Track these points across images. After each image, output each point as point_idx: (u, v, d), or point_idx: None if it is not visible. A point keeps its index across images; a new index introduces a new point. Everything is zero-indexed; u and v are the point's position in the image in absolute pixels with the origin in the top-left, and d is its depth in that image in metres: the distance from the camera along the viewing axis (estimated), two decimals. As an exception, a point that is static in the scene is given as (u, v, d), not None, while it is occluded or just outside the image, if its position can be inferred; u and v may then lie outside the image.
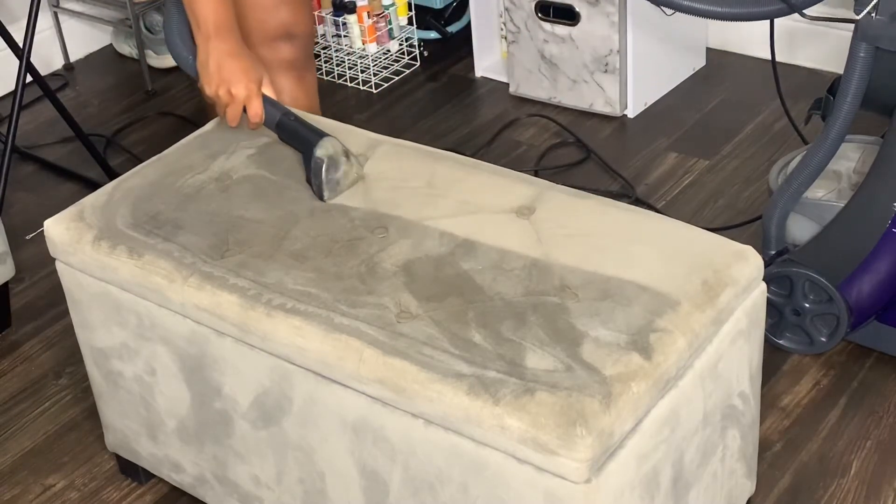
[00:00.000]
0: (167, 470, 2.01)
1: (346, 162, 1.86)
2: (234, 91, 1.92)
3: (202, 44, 1.95)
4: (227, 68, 1.92)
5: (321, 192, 1.84)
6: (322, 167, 1.83)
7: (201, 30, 1.94)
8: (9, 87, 3.14)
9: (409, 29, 3.43)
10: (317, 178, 1.84)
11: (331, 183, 1.84)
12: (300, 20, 2.26)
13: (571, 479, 1.46)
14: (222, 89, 1.93)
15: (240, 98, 1.92)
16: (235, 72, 1.92)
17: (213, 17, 1.94)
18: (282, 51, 2.25)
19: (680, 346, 1.57)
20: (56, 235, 1.90)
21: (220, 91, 1.93)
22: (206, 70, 1.94)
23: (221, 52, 1.93)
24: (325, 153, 1.84)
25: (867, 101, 2.10)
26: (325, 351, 1.61)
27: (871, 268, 2.17)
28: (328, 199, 1.84)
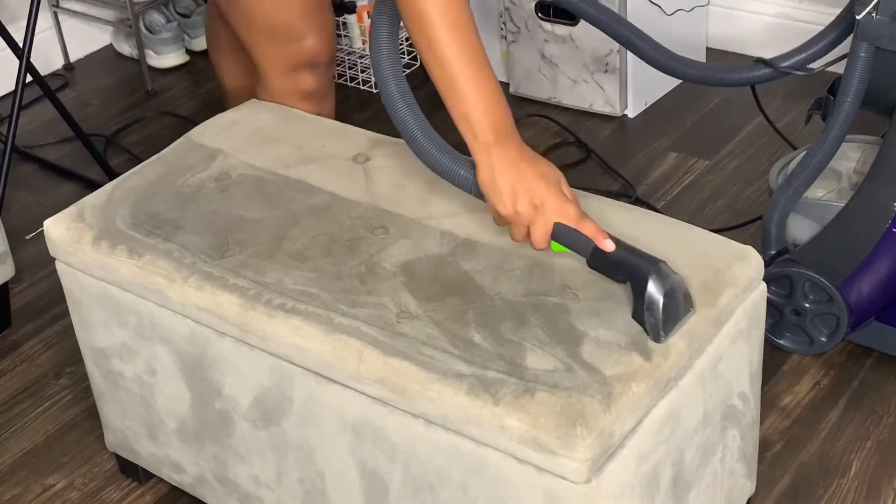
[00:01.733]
0: (167, 470, 2.01)
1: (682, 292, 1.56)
2: (537, 202, 1.56)
3: (483, 157, 1.58)
4: (521, 178, 1.57)
5: (657, 333, 1.54)
6: (660, 304, 1.52)
7: (480, 140, 1.58)
8: (9, 87, 3.14)
9: (409, 29, 3.43)
10: (653, 316, 1.53)
11: (670, 320, 1.54)
12: (324, 49, 2.14)
13: (571, 480, 1.46)
14: (522, 204, 1.56)
15: (549, 209, 1.56)
16: (532, 179, 1.57)
17: (490, 121, 1.58)
18: (303, 81, 2.16)
19: (679, 346, 1.57)
20: (56, 235, 1.90)
21: (520, 206, 1.57)
22: (495, 187, 1.58)
23: (509, 160, 1.58)
24: (663, 287, 1.53)
25: (867, 101, 2.10)
26: (324, 351, 1.61)
27: (871, 268, 2.17)
28: (664, 339, 1.55)
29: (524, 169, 1.58)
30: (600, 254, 1.57)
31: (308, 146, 1.99)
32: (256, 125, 2.06)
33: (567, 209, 1.57)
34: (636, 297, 1.55)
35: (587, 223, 1.57)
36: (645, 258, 1.55)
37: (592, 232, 1.56)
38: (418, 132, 1.66)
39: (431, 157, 1.66)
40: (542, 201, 1.56)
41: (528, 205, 1.57)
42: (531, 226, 1.58)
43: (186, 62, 3.55)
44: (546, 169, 1.60)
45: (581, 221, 1.57)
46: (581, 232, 1.57)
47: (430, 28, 1.58)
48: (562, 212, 1.57)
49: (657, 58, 2.29)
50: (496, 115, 1.59)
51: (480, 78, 1.59)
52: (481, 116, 1.58)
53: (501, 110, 1.60)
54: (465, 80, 1.59)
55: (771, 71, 2.20)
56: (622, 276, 1.58)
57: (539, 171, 1.58)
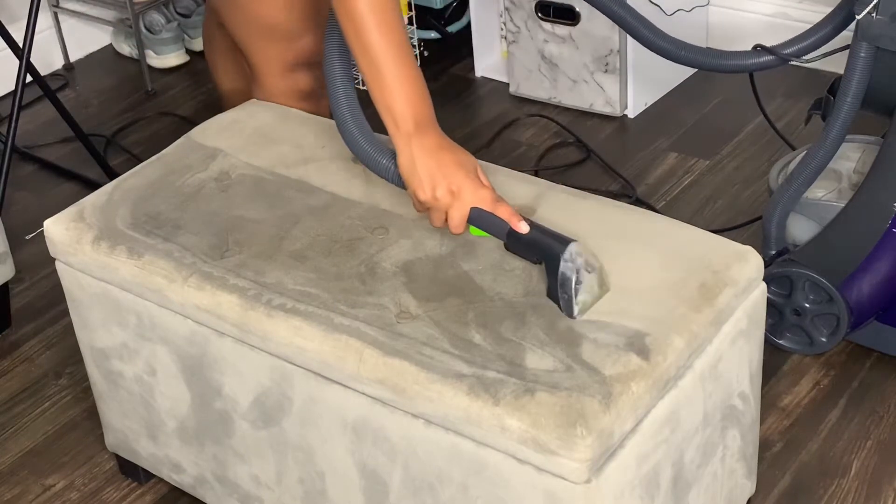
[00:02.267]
0: (167, 470, 2.01)
1: (595, 270, 1.61)
2: (454, 188, 1.63)
3: (403, 144, 1.65)
4: (439, 165, 1.64)
5: (571, 309, 1.59)
6: (572, 281, 1.57)
7: (400, 128, 1.65)
8: (9, 87, 3.14)
9: (409, 29, 3.43)
10: (565, 292, 1.58)
11: (582, 297, 1.59)
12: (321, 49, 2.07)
13: (571, 480, 1.46)
14: (440, 190, 1.63)
15: (465, 195, 1.62)
16: (450, 166, 1.64)
17: (412, 112, 1.65)
18: (300, 81, 2.17)
19: (678, 346, 1.57)
20: (56, 235, 1.90)
21: (438, 193, 1.63)
22: (415, 173, 1.64)
23: (428, 149, 1.65)
24: (575, 265, 1.58)
25: (867, 101, 2.10)
26: (324, 351, 1.61)
27: (871, 268, 2.17)
28: (578, 315, 1.59)
29: (442, 157, 1.64)
30: (515, 236, 1.61)
31: (308, 146, 1.99)
32: (256, 125, 2.06)
33: (482, 194, 1.63)
34: (550, 276, 1.60)
35: (502, 207, 1.62)
36: (557, 238, 1.60)
37: (507, 215, 1.62)
38: (350, 120, 1.73)
39: (357, 145, 1.73)
40: (458, 187, 1.63)
41: (446, 191, 1.63)
42: (449, 211, 1.64)
43: (186, 62, 3.55)
44: (463, 157, 1.66)
45: (496, 205, 1.62)
46: (496, 215, 1.62)
47: (360, 24, 1.64)
48: (477, 197, 1.62)
49: (658, 43, 2.27)
50: (417, 106, 1.65)
51: (404, 71, 1.65)
52: (403, 107, 1.65)
53: (423, 102, 1.66)
54: (390, 74, 1.64)
55: (772, 58, 2.19)
56: (537, 257, 1.62)
57: (456, 159, 1.65)
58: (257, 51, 2.15)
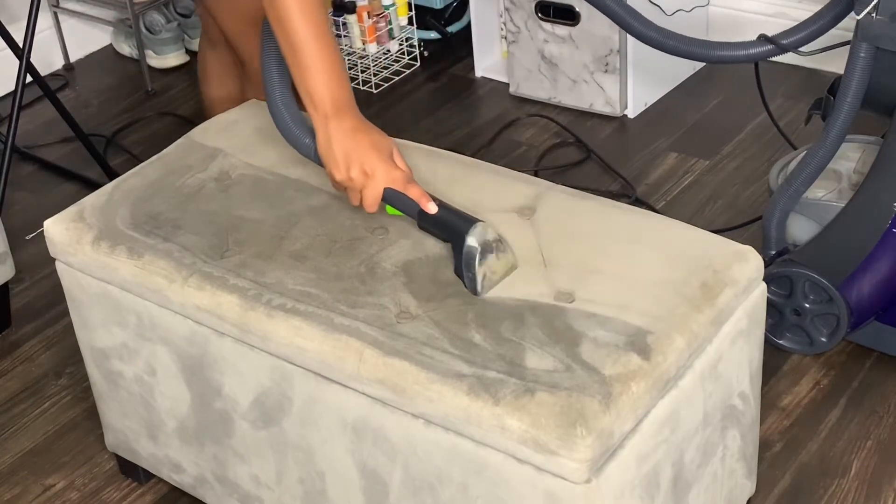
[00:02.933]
0: (167, 470, 2.01)
1: (500, 248, 1.66)
2: (367, 169, 1.69)
3: (321, 126, 1.71)
4: (355, 146, 1.70)
5: (475, 286, 1.64)
6: (475, 258, 1.63)
7: (318, 110, 1.70)
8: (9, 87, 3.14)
9: (409, 29, 3.43)
10: (469, 270, 1.64)
11: (486, 274, 1.65)
12: None
13: (571, 480, 1.46)
14: (354, 170, 1.69)
15: (377, 175, 1.69)
16: (364, 147, 1.70)
17: (330, 94, 1.70)
18: None
19: (679, 346, 1.57)
20: (56, 235, 1.90)
21: (352, 173, 1.69)
22: (331, 153, 1.71)
23: (344, 130, 1.70)
24: (479, 243, 1.64)
25: (867, 101, 2.10)
26: (325, 351, 1.61)
27: (871, 268, 2.17)
28: (482, 292, 1.65)
29: (358, 139, 1.70)
30: (426, 215, 1.69)
31: (308, 146, 1.99)
32: (256, 125, 2.06)
33: (395, 175, 1.69)
34: (456, 254, 1.66)
35: (412, 188, 1.70)
36: (464, 218, 1.67)
37: (417, 195, 1.69)
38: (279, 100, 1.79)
39: (283, 124, 1.79)
40: (372, 168, 1.69)
41: (360, 171, 1.69)
42: (363, 190, 1.70)
43: (186, 62, 3.55)
44: (379, 139, 1.72)
45: (407, 186, 1.70)
46: (408, 196, 1.69)
47: (283, 11, 1.69)
48: (390, 178, 1.69)
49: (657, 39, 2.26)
50: (335, 89, 1.71)
51: (323, 56, 1.70)
52: (321, 90, 1.70)
53: (340, 85, 1.72)
54: (309, 58, 1.70)
55: (773, 48, 2.17)
56: (445, 236, 1.70)
57: (371, 141, 1.71)
58: (246, 42, 2.18)
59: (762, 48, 2.18)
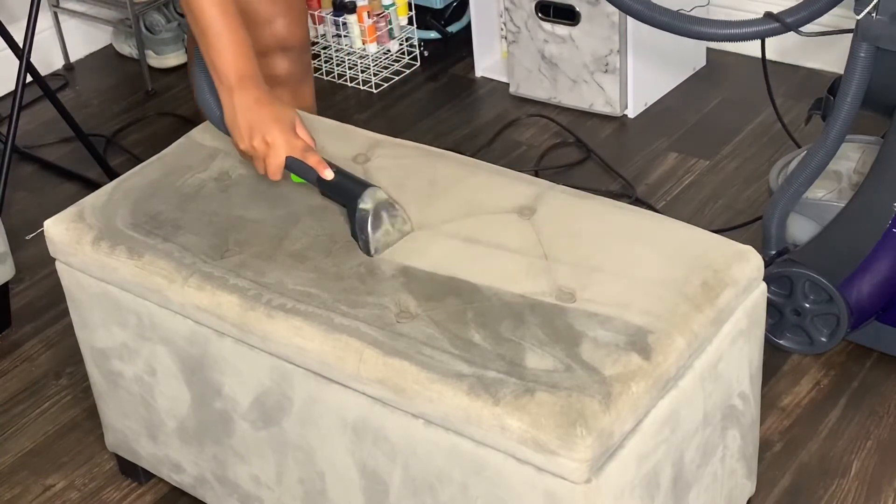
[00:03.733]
0: (167, 470, 2.01)
1: (393, 213, 1.75)
2: (269, 139, 1.77)
3: (226, 97, 1.81)
4: (257, 117, 1.79)
5: (367, 248, 1.73)
6: (367, 221, 1.72)
7: (223, 83, 1.81)
8: (9, 87, 3.14)
9: (409, 29, 3.43)
10: (363, 232, 1.73)
11: (378, 236, 1.73)
12: (295, 33, 2.21)
13: (571, 480, 1.46)
14: (256, 140, 1.78)
15: (277, 144, 1.77)
16: (265, 119, 1.78)
17: (235, 67, 1.80)
18: (277, 66, 2.22)
19: (679, 346, 1.57)
20: (56, 235, 1.90)
21: (255, 142, 1.78)
22: (235, 124, 1.80)
23: (248, 102, 1.79)
24: (370, 205, 1.73)
25: (867, 101, 2.10)
26: (325, 351, 1.61)
27: (871, 268, 2.17)
28: (375, 254, 1.73)
29: (260, 110, 1.79)
30: (325, 182, 1.78)
31: (308, 146, 1.99)
32: (256, 125, 2.06)
33: (294, 143, 1.78)
34: (350, 217, 1.75)
35: (311, 155, 1.79)
36: (358, 182, 1.77)
37: (314, 163, 1.78)
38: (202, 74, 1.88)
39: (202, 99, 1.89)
40: (272, 138, 1.77)
41: (262, 141, 1.78)
42: (266, 159, 1.79)
43: (186, 62, 3.55)
44: (280, 110, 1.80)
45: (306, 155, 1.78)
46: (307, 163, 1.78)
47: None
48: (290, 147, 1.78)
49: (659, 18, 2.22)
50: (240, 63, 1.80)
51: (228, 31, 1.80)
52: (226, 63, 1.80)
53: (244, 59, 1.81)
54: (214, 33, 1.80)
55: (777, 25, 2.16)
56: (341, 200, 1.78)
57: (273, 113, 1.79)
58: None
59: (767, 25, 2.15)
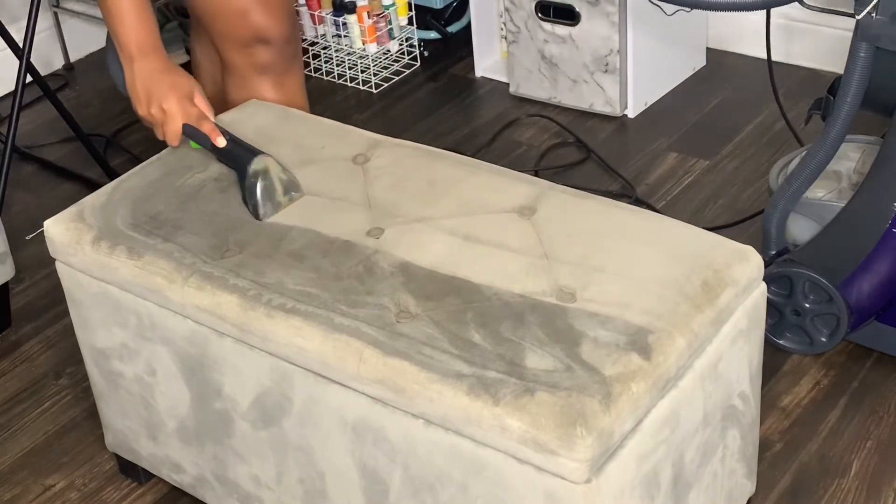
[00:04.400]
0: (167, 470, 2.01)
1: (282, 179, 1.84)
2: (165, 106, 1.90)
3: (127, 66, 1.95)
4: (155, 85, 1.91)
5: (256, 212, 1.82)
6: (256, 186, 1.82)
7: (124, 52, 1.95)
8: (9, 87, 3.14)
9: (409, 29, 3.43)
10: (251, 198, 1.82)
11: (265, 201, 1.82)
12: (274, 24, 2.22)
13: (571, 480, 1.46)
14: (153, 107, 1.91)
15: (173, 112, 1.90)
16: (163, 87, 1.91)
17: (135, 38, 1.94)
18: (257, 56, 2.23)
19: (679, 346, 1.57)
20: (56, 236, 1.90)
21: (152, 109, 1.91)
22: (135, 91, 1.94)
23: (146, 71, 1.93)
24: (258, 171, 1.82)
25: (867, 101, 2.10)
26: (325, 351, 1.61)
27: (871, 268, 2.17)
28: (264, 217, 1.82)
29: (158, 78, 1.92)
30: (218, 149, 1.88)
31: (307, 146, 1.99)
32: (256, 125, 2.06)
33: (190, 112, 1.90)
34: (241, 183, 1.84)
35: (205, 123, 1.89)
36: (249, 150, 1.86)
37: (207, 130, 1.88)
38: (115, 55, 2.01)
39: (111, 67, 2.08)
40: (168, 106, 1.89)
41: (158, 108, 1.90)
42: (163, 126, 1.91)
43: (186, 62, 3.54)
44: (178, 79, 1.93)
45: (200, 122, 1.89)
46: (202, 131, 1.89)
47: None
48: (185, 114, 1.90)
49: None
50: (141, 34, 1.94)
51: (131, 4, 1.94)
52: (128, 34, 1.94)
53: (146, 30, 1.95)
54: (116, 5, 1.94)
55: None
56: (233, 166, 1.88)
57: (171, 82, 1.92)
58: (214, 28, 2.24)
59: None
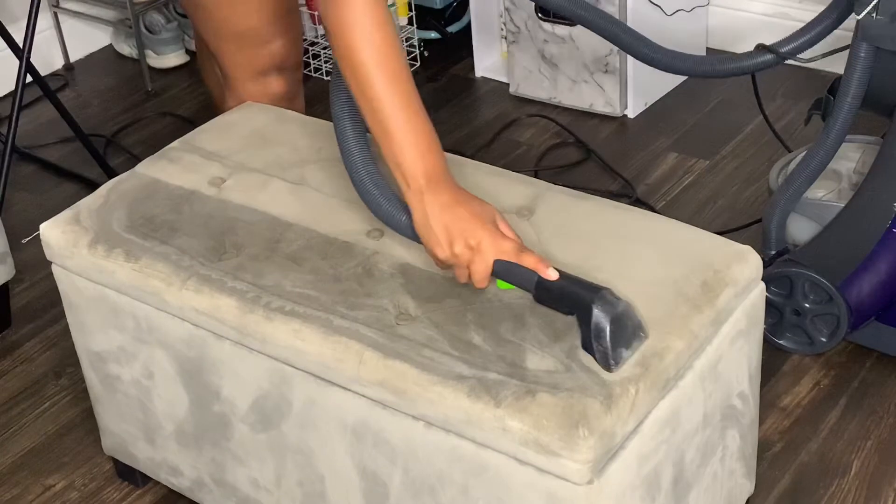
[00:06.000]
0: (165, 474, 2.01)
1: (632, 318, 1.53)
2: (473, 243, 1.55)
3: (416, 202, 1.58)
4: (455, 220, 1.56)
5: (607, 361, 1.51)
6: (606, 331, 1.49)
7: (411, 186, 1.58)
8: (9, 87, 3.14)
9: (409, 29, 3.43)
10: (601, 344, 1.50)
11: (617, 347, 1.51)
12: (292, 53, 2.19)
13: (573, 481, 1.46)
14: (458, 246, 1.55)
15: (484, 248, 1.54)
16: (467, 221, 1.56)
17: (423, 167, 1.58)
18: (271, 85, 2.19)
19: (679, 346, 1.57)
20: (52, 239, 1.89)
21: (457, 248, 1.55)
22: (430, 231, 1.57)
23: (442, 205, 1.57)
24: (608, 313, 1.49)
25: (867, 101, 2.10)
26: (324, 353, 1.61)
27: (871, 268, 2.17)
28: (615, 368, 1.51)
29: (457, 211, 1.57)
30: (544, 286, 1.53)
31: (304, 148, 1.99)
32: (253, 127, 2.06)
33: (504, 245, 1.55)
34: (583, 327, 1.52)
35: (527, 256, 1.55)
36: (587, 287, 1.51)
37: (533, 263, 1.54)
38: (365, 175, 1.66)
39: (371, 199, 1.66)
40: (477, 241, 1.55)
41: (464, 246, 1.56)
42: (470, 266, 1.56)
43: (186, 62, 3.55)
44: (479, 208, 1.58)
45: (520, 255, 1.54)
46: (522, 266, 1.54)
47: (364, 78, 1.58)
48: (498, 249, 1.55)
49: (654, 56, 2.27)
50: (429, 160, 1.59)
51: (413, 125, 1.59)
52: (414, 163, 1.58)
53: (434, 156, 1.60)
54: (398, 128, 1.58)
55: (772, 57, 2.18)
56: (567, 308, 1.54)
57: (472, 212, 1.57)
58: (227, 56, 2.17)
59: (761, 58, 2.18)
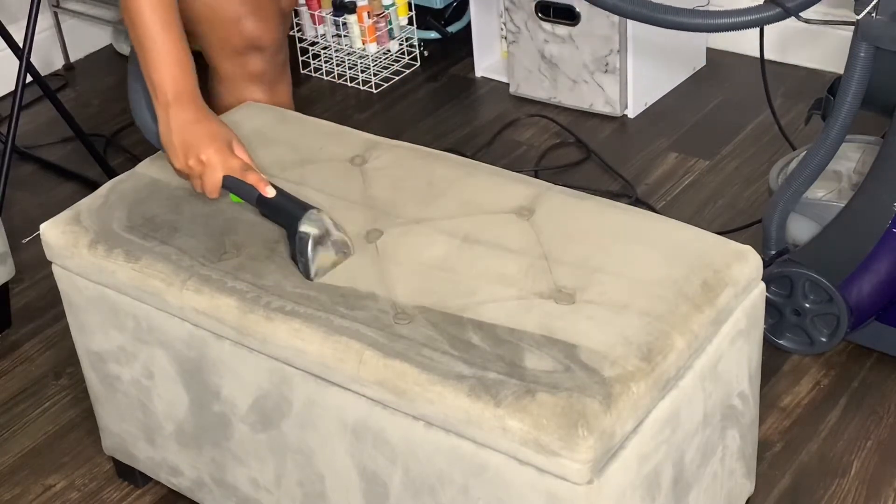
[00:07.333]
0: (165, 474, 2.01)
1: (335, 236, 1.72)
2: (203, 157, 1.76)
3: (162, 114, 1.80)
4: (192, 135, 1.77)
5: (308, 271, 1.70)
6: (308, 244, 1.69)
7: (159, 99, 1.79)
8: (9, 87, 3.14)
9: (409, 29, 3.43)
10: (302, 255, 1.69)
11: (317, 260, 1.70)
12: (266, 32, 2.21)
13: (573, 481, 1.46)
14: (191, 159, 1.77)
15: (213, 163, 1.75)
16: (201, 137, 1.77)
17: (172, 84, 1.79)
18: (250, 64, 2.23)
19: (679, 346, 1.57)
20: (52, 239, 1.89)
21: (190, 161, 1.77)
22: (170, 142, 1.79)
23: (183, 121, 1.78)
24: (310, 228, 1.69)
25: (867, 101, 2.10)
26: (324, 353, 1.61)
27: (871, 268, 2.17)
28: (316, 278, 1.70)
29: (195, 128, 1.78)
30: (263, 201, 1.75)
31: (305, 148, 1.99)
32: (254, 126, 2.06)
33: (231, 163, 1.76)
34: (290, 239, 1.72)
35: (250, 174, 1.76)
36: (298, 204, 1.73)
37: (255, 180, 1.75)
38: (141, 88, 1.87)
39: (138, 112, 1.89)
40: (208, 157, 1.76)
41: (196, 160, 1.77)
42: (202, 178, 1.77)
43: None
44: (216, 129, 1.79)
45: (244, 173, 1.76)
46: (247, 183, 1.75)
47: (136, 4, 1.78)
48: (226, 166, 1.76)
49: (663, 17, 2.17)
50: (178, 79, 1.79)
51: (168, 47, 1.79)
52: (164, 79, 1.79)
53: (184, 76, 1.80)
54: (154, 49, 1.79)
55: (779, 11, 2.13)
56: (281, 221, 1.75)
57: (209, 131, 1.78)
58: (205, 36, 2.22)
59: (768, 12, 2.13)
